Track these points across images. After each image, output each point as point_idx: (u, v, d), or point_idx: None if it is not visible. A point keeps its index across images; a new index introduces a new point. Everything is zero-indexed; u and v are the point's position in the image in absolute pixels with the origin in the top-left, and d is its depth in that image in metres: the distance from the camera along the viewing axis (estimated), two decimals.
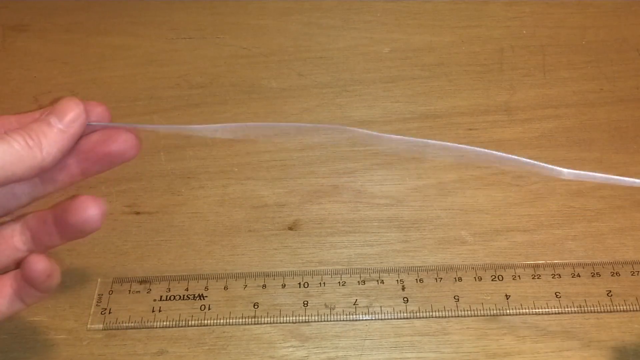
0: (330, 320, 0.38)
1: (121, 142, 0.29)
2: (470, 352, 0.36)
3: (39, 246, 0.29)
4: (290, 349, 0.36)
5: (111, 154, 0.29)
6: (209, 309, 0.38)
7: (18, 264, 0.29)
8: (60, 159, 0.27)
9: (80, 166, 0.29)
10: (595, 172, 0.30)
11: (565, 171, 0.30)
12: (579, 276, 0.39)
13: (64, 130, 0.27)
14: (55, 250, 0.30)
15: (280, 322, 0.37)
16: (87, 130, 0.29)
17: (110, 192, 0.44)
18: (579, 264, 0.39)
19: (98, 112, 0.29)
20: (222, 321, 0.38)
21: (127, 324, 0.37)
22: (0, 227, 0.29)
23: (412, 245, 0.41)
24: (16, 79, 0.53)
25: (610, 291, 0.38)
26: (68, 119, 0.27)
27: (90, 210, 0.27)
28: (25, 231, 0.29)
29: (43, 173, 0.27)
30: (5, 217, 0.30)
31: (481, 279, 0.39)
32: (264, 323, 0.38)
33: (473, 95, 0.50)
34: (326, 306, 0.38)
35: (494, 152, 0.30)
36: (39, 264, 0.27)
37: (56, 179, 0.29)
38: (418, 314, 0.38)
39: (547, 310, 0.37)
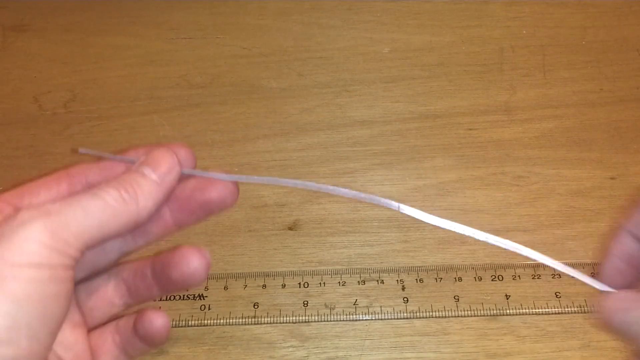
0: (330, 320, 0.38)
1: (220, 189, 0.26)
2: (470, 352, 0.36)
3: (136, 299, 0.27)
4: (290, 349, 0.36)
5: (210, 202, 0.26)
6: (209, 309, 0.38)
7: (113, 319, 0.27)
8: (154, 212, 0.25)
9: (174, 216, 0.27)
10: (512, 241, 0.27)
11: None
12: None
13: (159, 182, 0.25)
14: None
15: (280, 322, 0.37)
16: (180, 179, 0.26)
17: None
18: (579, 264, 0.39)
19: (182, 154, 0.26)
20: (222, 321, 0.38)
21: None
22: (94, 283, 0.27)
23: (412, 245, 0.41)
24: (16, 79, 0.53)
25: None
26: (162, 169, 0.25)
27: (193, 263, 0.25)
28: (120, 285, 0.27)
29: (137, 228, 0.25)
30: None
31: (481, 279, 0.39)
32: (264, 323, 0.38)
33: (473, 95, 0.50)
34: (326, 306, 0.38)
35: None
36: (159, 320, 0.25)
37: (150, 232, 0.27)
38: (418, 314, 0.38)
39: (547, 310, 0.37)
